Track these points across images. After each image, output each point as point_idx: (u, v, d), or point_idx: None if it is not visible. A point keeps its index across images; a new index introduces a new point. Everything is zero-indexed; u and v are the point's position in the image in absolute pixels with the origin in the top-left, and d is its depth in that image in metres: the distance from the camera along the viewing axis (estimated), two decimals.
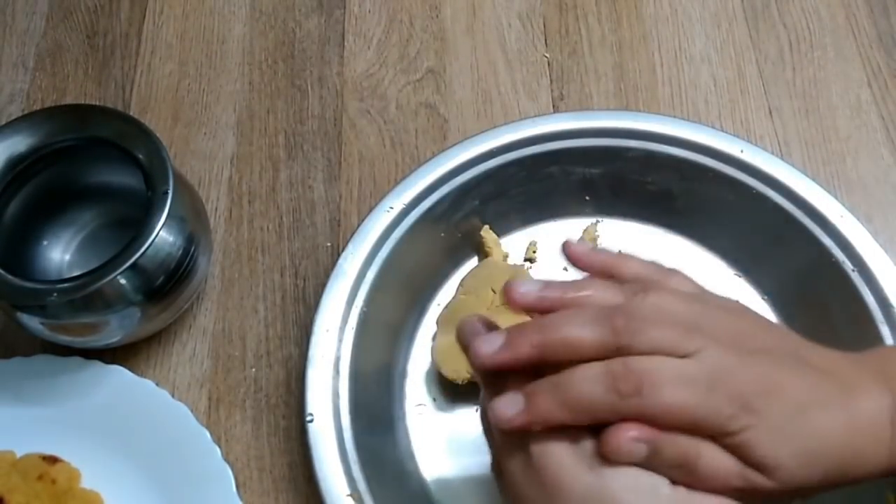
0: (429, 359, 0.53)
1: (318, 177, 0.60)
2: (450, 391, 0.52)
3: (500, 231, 0.56)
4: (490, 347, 0.34)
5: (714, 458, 0.32)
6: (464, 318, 0.37)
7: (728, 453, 0.32)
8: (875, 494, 0.45)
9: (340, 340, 0.50)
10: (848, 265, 0.50)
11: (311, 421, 0.47)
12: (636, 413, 0.32)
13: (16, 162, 0.49)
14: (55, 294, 0.45)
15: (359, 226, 0.52)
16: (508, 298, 0.36)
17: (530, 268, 0.56)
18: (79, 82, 0.65)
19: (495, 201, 0.56)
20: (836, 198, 0.52)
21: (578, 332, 0.33)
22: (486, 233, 0.56)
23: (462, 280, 0.55)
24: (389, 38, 0.66)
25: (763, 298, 0.55)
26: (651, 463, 0.32)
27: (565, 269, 0.56)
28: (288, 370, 0.54)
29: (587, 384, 0.32)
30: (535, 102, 0.63)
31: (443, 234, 0.55)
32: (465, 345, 0.36)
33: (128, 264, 0.45)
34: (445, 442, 0.51)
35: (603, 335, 0.33)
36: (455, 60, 0.65)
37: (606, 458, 0.32)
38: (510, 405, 0.33)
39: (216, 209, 0.59)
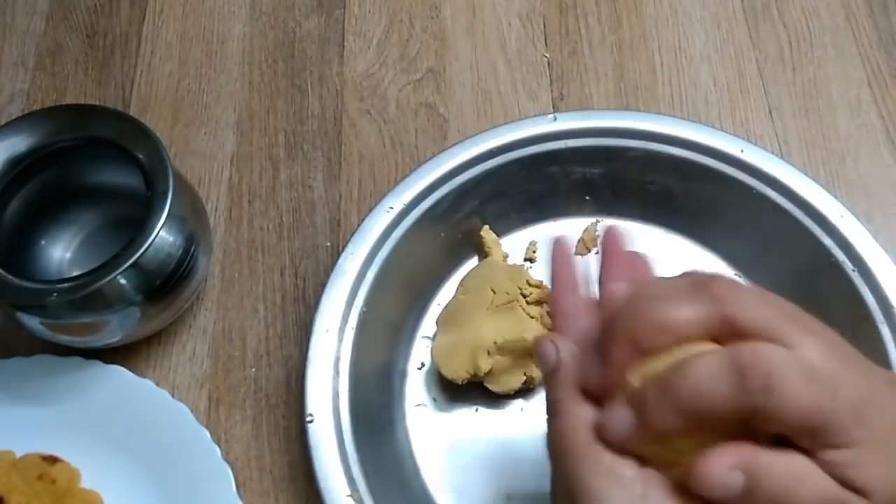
0: (429, 359, 0.53)
1: (318, 177, 0.60)
2: (450, 391, 0.52)
3: (500, 231, 0.56)
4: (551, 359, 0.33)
5: (816, 486, 0.27)
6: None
7: (827, 475, 0.27)
8: None
9: (340, 340, 0.50)
10: (848, 265, 0.50)
11: (311, 421, 0.47)
12: (759, 414, 0.27)
13: (16, 162, 0.49)
14: (55, 294, 0.45)
15: (359, 226, 0.52)
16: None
17: (530, 268, 0.56)
18: (79, 82, 0.65)
19: (495, 201, 0.56)
20: (836, 198, 0.52)
21: (673, 310, 0.29)
22: (486, 233, 0.56)
23: (462, 280, 0.55)
24: (389, 38, 0.66)
25: None
26: (745, 499, 0.27)
27: None
28: (288, 370, 0.54)
29: (706, 382, 0.27)
30: (535, 102, 0.63)
31: (443, 234, 0.55)
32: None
33: (128, 264, 0.45)
34: (445, 442, 0.51)
35: (703, 309, 0.28)
36: (455, 60, 0.65)
37: (692, 493, 0.28)
38: (619, 422, 0.29)
39: (216, 209, 0.59)
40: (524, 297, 0.51)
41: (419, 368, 0.53)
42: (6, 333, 0.55)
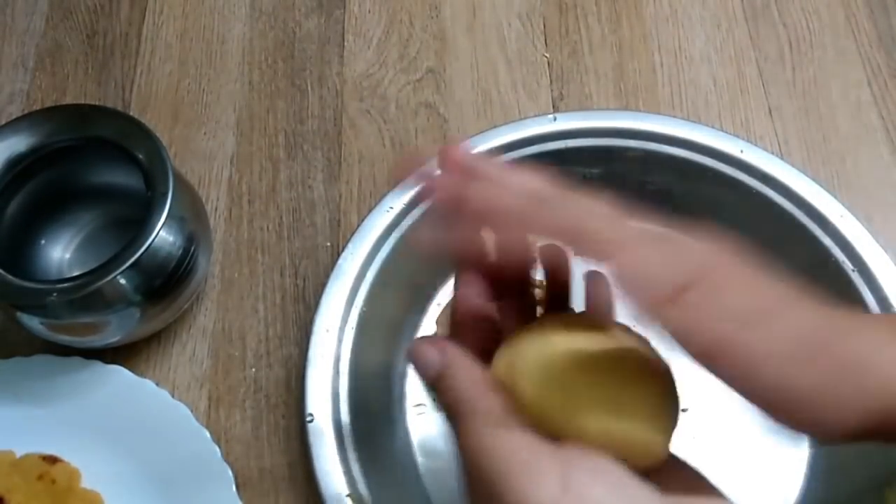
0: None
1: (318, 177, 0.60)
2: None
3: None
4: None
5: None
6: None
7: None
8: (875, 494, 0.45)
9: (340, 340, 0.50)
10: (848, 265, 0.51)
11: (311, 421, 0.47)
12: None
13: (16, 162, 0.49)
14: (55, 294, 0.45)
15: (359, 226, 0.52)
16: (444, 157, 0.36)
17: None
18: (79, 82, 0.65)
19: None
20: (836, 198, 0.52)
21: (498, 191, 0.33)
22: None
23: None
24: (389, 38, 0.66)
25: None
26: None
27: None
28: (288, 370, 0.54)
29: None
30: (535, 102, 0.63)
31: None
32: None
33: (128, 264, 0.45)
34: (445, 442, 0.51)
35: (521, 201, 0.32)
36: (455, 60, 0.65)
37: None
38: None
39: (216, 209, 0.59)
40: None
41: None
42: (6, 333, 0.55)
